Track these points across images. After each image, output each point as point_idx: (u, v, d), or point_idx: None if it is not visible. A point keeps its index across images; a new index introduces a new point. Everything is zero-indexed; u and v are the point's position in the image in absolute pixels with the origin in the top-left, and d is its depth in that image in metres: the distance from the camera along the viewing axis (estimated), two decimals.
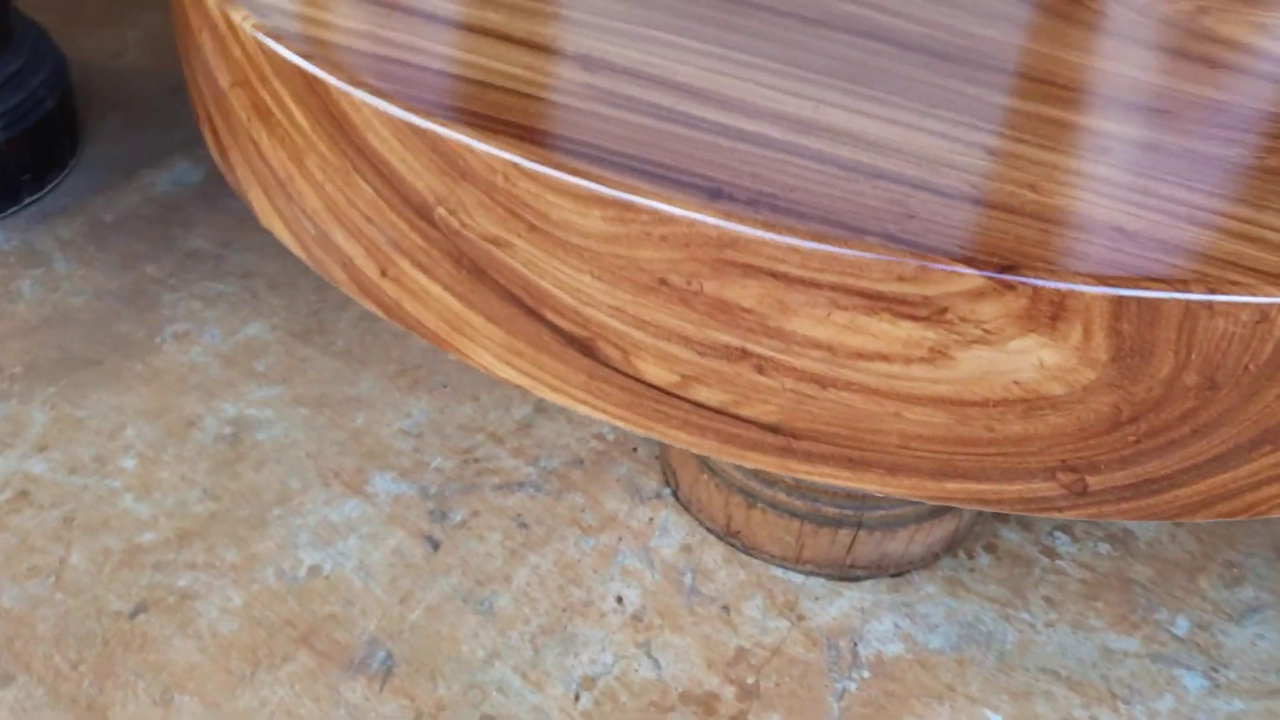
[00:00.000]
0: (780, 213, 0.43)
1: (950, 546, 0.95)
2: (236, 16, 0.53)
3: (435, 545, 0.94)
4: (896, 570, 0.94)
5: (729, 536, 0.95)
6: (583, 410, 0.50)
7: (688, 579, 0.94)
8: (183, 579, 0.90)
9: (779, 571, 0.95)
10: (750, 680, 0.87)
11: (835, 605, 0.92)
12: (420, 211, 0.49)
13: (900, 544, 0.89)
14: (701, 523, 0.97)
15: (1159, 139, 0.50)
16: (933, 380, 0.44)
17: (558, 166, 0.45)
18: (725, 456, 0.49)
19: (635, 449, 1.04)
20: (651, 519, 0.98)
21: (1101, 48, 0.59)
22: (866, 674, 0.88)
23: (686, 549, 0.96)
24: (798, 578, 0.95)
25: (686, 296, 0.45)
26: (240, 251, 1.23)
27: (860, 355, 0.44)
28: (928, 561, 0.94)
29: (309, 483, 0.98)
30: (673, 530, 0.97)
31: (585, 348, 0.49)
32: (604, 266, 0.46)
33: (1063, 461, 0.45)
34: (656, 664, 0.87)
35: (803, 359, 0.45)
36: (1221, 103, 0.53)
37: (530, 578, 0.92)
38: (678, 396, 0.48)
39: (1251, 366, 0.42)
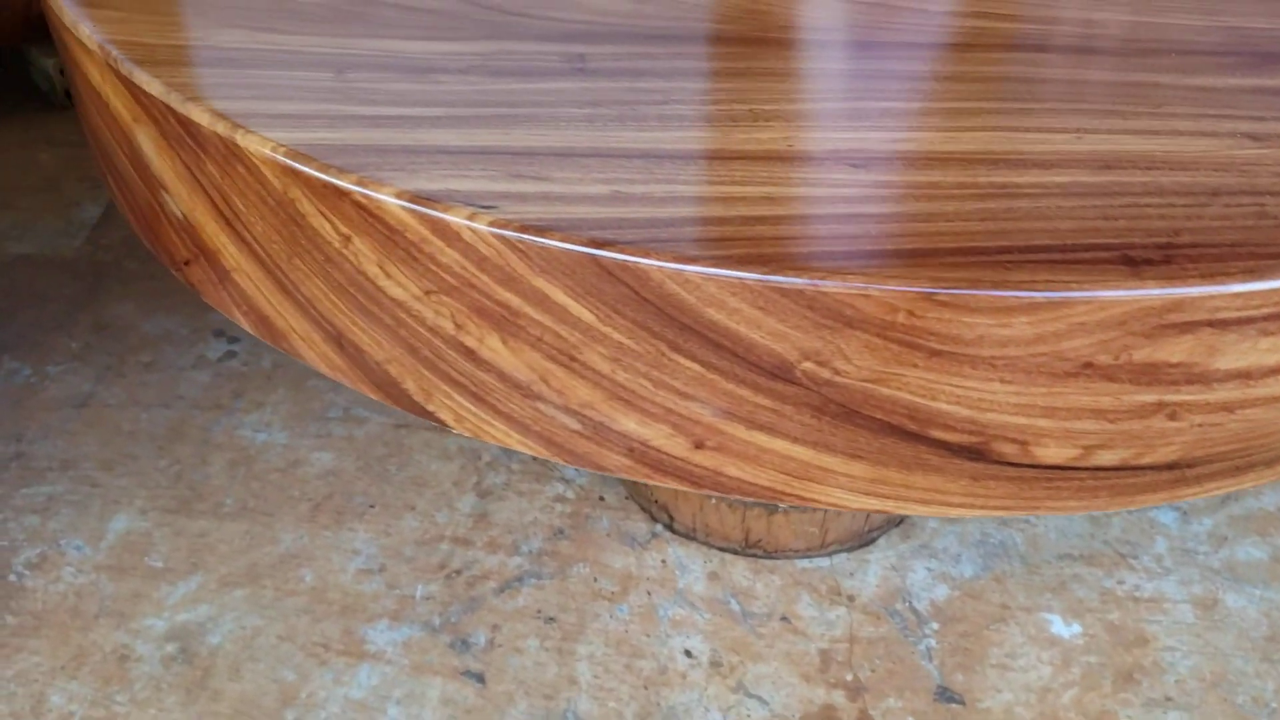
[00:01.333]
0: (1201, 260, 0.42)
1: None
2: (459, 217, 0.44)
3: (480, 678, 0.86)
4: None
5: (748, 549, 0.94)
6: (954, 514, 0.48)
7: (734, 605, 0.92)
8: None
9: (805, 563, 0.95)
10: (849, 677, 0.88)
11: (870, 575, 0.94)
12: (775, 372, 0.44)
13: None
14: (714, 546, 0.95)
15: None
16: None
17: (974, 285, 0.41)
18: (1112, 509, 0.48)
19: (601, 497, 1.00)
20: (664, 560, 0.95)
21: None
22: (935, 625, 0.91)
23: (714, 577, 0.94)
24: (823, 561, 0.96)
25: (1111, 371, 0.44)
26: (42, 440, 1.03)
27: (1275, 371, 0.45)
28: None
29: (304, 668, 0.86)
30: (690, 564, 0.94)
31: (975, 453, 0.46)
32: (1020, 369, 0.43)
33: None
34: (762, 701, 0.86)
35: (1218, 393, 0.45)
36: None
37: (593, 670, 0.87)
38: (1075, 469, 0.47)
39: None
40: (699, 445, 0.47)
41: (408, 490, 1.00)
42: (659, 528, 0.97)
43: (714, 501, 0.92)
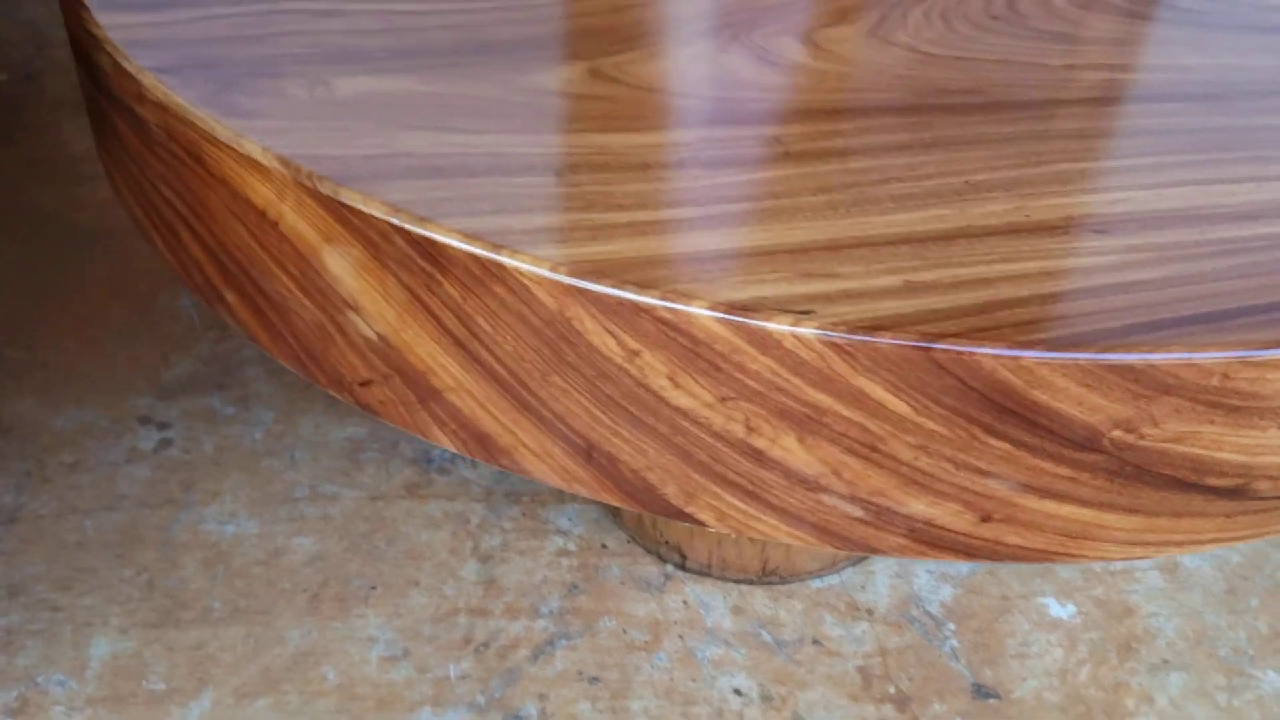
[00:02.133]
0: None
1: None
2: (783, 325, 0.43)
3: None
4: None
5: (765, 578, 0.96)
6: (1204, 549, 0.51)
7: (766, 636, 0.94)
8: None
9: (818, 583, 0.98)
10: (892, 690, 0.91)
11: (880, 585, 0.98)
12: (1082, 443, 0.46)
13: None
14: (730, 579, 0.96)
15: None
16: None
17: (1276, 345, 0.45)
18: None
19: (604, 545, 0.99)
20: (685, 601, 0.96)
21: None
22: (952, 625, 0.96)
23: (738, 610, 0.95)
24: (834, 579, 0.99)
25: None
26: None
27: None
28: None
29: None
30: (711, 601, 0.95)
31: (1236, 493, 0.50)
32: None
33: None
34: None
35: None
36: None
37: None
38: None
39: None
40: (986, 519, 0.48)
41: (405, 565, 0.95)
42: (670, 568, 0.97)
43: (733, 536, 0.93)
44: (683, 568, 0.97)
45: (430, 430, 0.51)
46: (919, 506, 0.48)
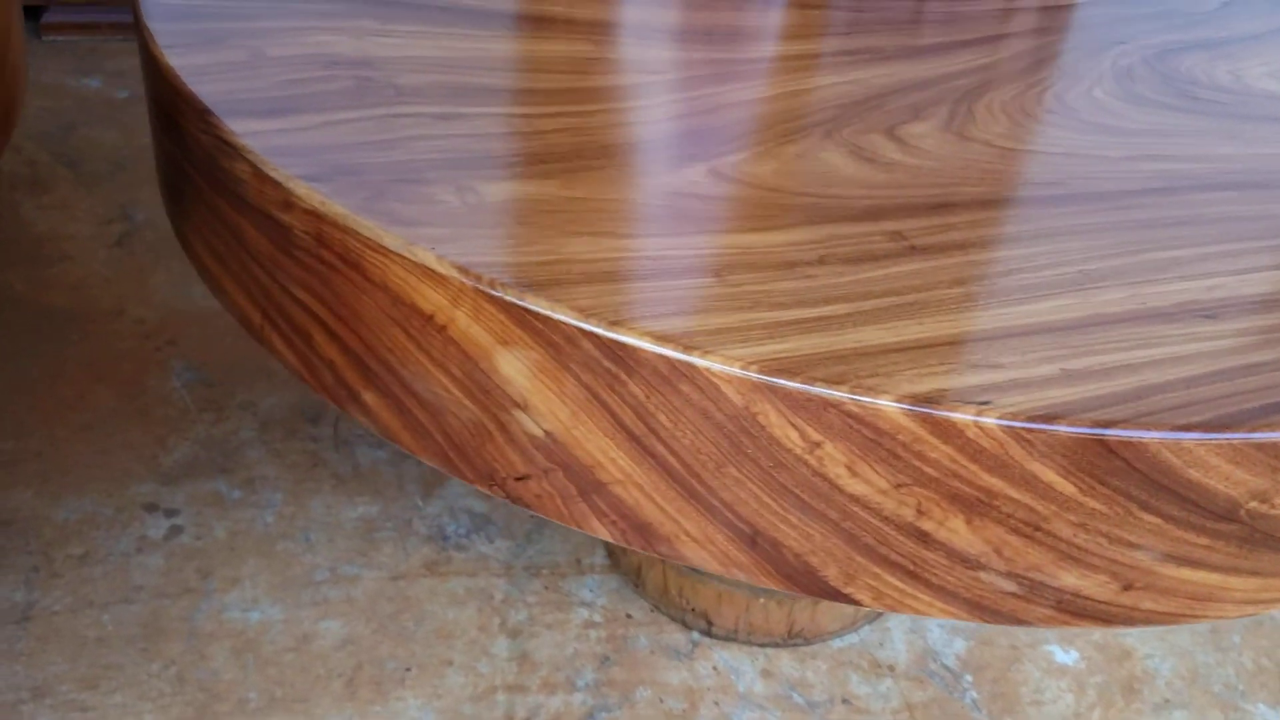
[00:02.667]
0: None
1: None
2: (967, 415, 0.46)
3: None
4: None
5: (791, 640, 0.99)
6: None
7: (797, 698, 0.96)
8: None
9: (838, 642, 1.01)
10: None
11: (897, 642, 1.02)
12: (1221, 514, 0.50)
13: None
14: (755, 643, 0.99)
15: None
16: None
17: None
18: None
19: (628, 615, 1.01)
20: (714, 667, 0.98)
21: None
22: (969, 677, 1.00)
23: (767, 674, 0.98)
24: (853, 638, 1.02)
25: None
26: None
27: None
28: None
29: None
30: (740, 666, 0.98)
31: None
32: None
33: None
34: None
35: None
36: None
37: None
38: None
39: None
40: (1128, 587, 0.52)
41: (436, 645, 0.95)
42: (696, 635, 0.99)
43: (761, 601, 0.96)
44: (709, 634, 0.99)
45: (588, 522, 0.53)
46: (1070, 579, 0.51)
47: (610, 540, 0.53)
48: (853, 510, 0.49)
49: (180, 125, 0.59)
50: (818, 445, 0.47)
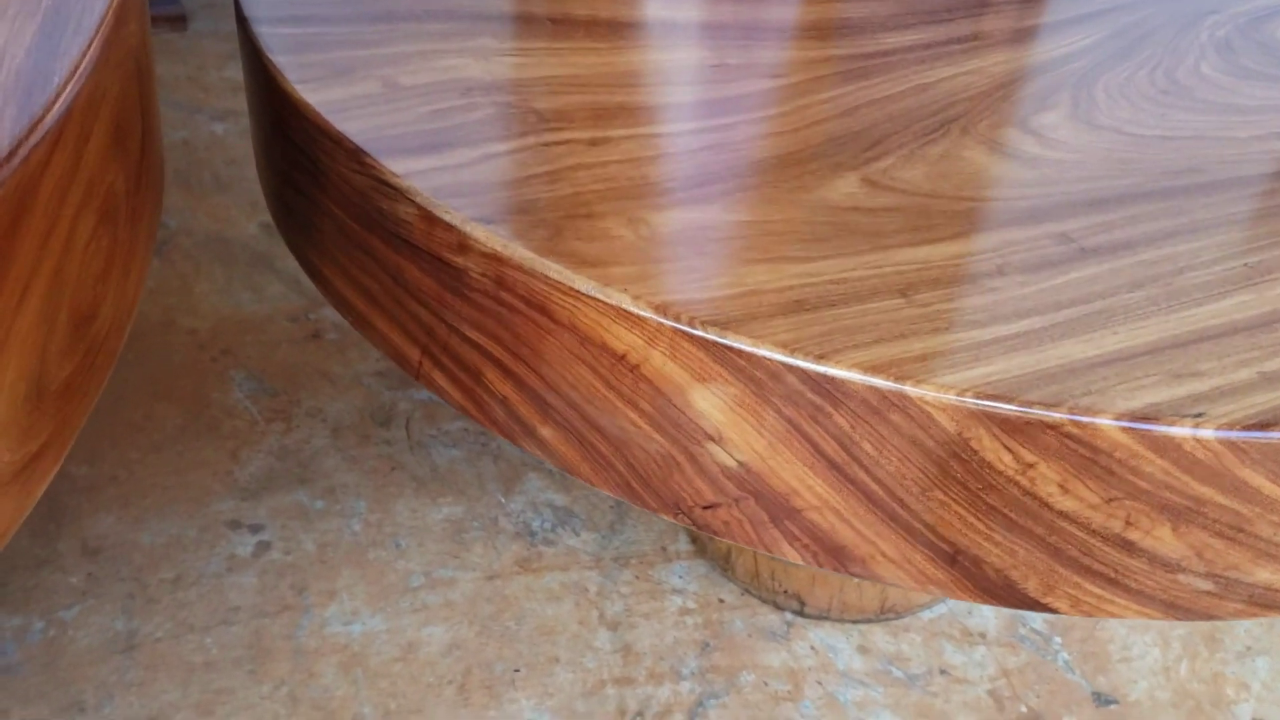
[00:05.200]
0: None
1: None
2: (1185, 429, 0.47)
3: None
4: None
5: (883, 615, 1.00)
6: None
7: (897, 672, 0.98)
8: None
9: (927, 614, 1.03)
10: (1024, 709, 0.97)
11: (984, 609, 1.04)
12: None
13: None
14: (847, 620, 1.00)
15: None
16: None
17: None
18: None
19: (720, 599, 1.02)
20: (812, 647, 0.99)
21: None
22: (1059, 639, 1.02)
23: (864, 650, 0.99)
24: (941, 609, 1.04)
25: None
26: (110, 703, 0.90)
27: None
28: None
29: None
30: (836, 644, 0.99)
31: None
32: None
33: None
34: None
35: None
36: None
37: None
38: None
39: None
40: None
41: (541, 643, 0.96)
42: (789, 615, 1.00)
43: (856, 580, 0.97)
44: (801, 614, 1.00)
45: (778, 546, 0.53)
46: (1264, 575, 0.52)
47: (799, 563, 0.53)
48: (1060, 525, 0.50)
49: (321, 163, 0.58)
50: (1031, 466, 0.48)
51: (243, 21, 0.65)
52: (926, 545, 0.52)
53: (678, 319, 0.49)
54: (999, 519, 0.50)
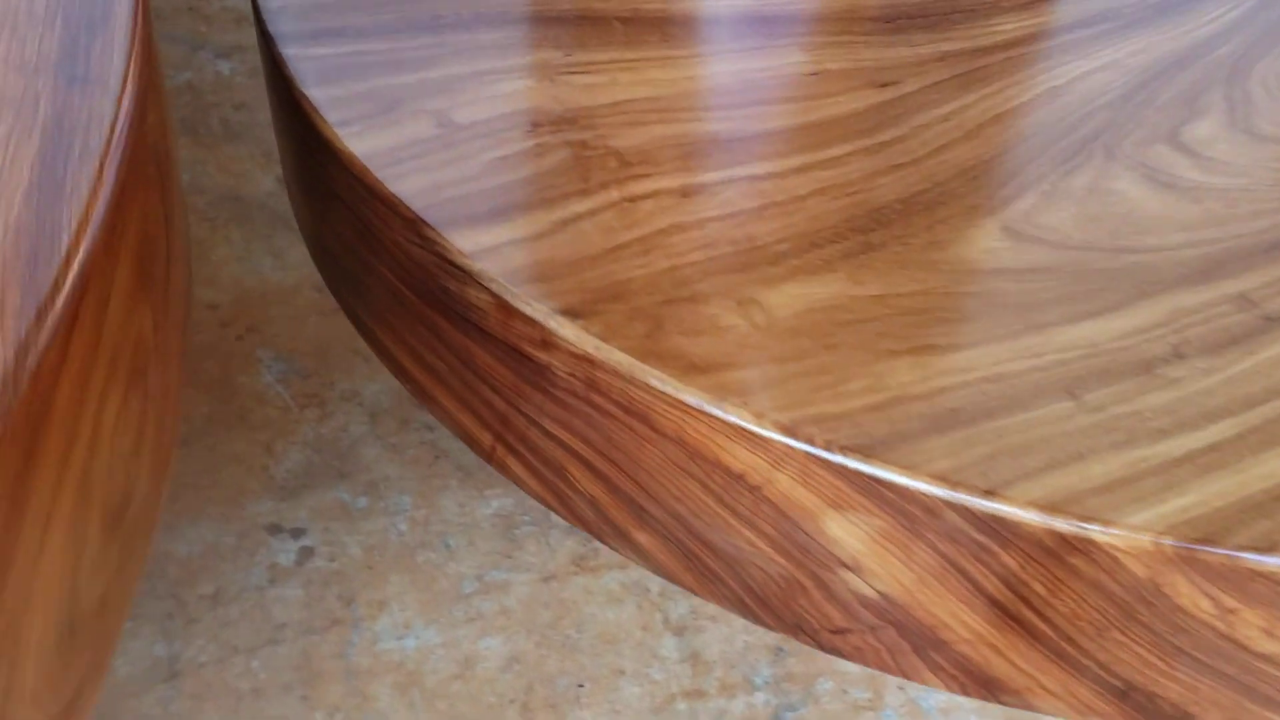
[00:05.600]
0: None
1: None
2: None
3: None
4: None
5: None
6: None
7: None
8: None
9: None
10: None
11: None
12: None
13: None
14: None
15: None
16: None
17: None
18: None
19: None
20: None
21: None
22: None
23: None
24: None
25: None
26: None
27: None
28: None
29: None
30: None
31: None
32: None
33: None
34: None
35: None
36: None
37: None
38: None
39: None
40: None
41: (604, 652, 0.90)
42: None
43: None
44: None
45: (919, 674, 0.46)
46: None
47: (943, 690, 0.47)
48: (1258, 666, 0.43)
49: (373, 226, 0.49)
50: (1232, 612, 0.40)
51: (266, 38, 0.56)
52: (1095, 681, 0.45)
53: (810, 441, 0.41)
54: (1185, 659, 0.43)
